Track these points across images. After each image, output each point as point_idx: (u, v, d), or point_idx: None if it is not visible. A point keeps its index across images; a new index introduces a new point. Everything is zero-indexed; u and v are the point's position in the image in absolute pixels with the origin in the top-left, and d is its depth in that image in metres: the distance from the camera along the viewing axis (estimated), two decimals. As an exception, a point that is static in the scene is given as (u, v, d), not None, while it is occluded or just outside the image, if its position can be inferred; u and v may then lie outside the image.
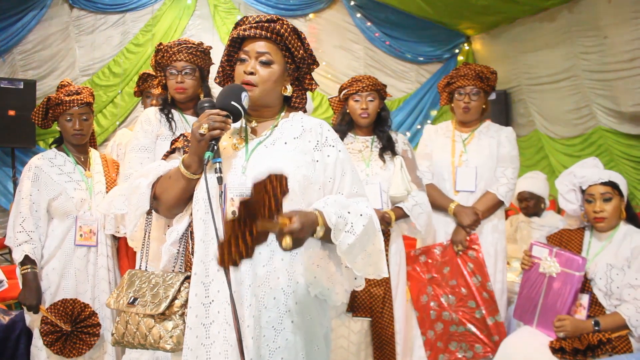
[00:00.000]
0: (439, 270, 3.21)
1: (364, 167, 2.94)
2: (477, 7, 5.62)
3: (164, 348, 1.68)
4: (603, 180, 2.66)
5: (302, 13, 6.71)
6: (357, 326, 2.86)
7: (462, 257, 3.18)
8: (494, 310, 3.13)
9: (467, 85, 3.23)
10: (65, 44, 6.07)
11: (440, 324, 3.17)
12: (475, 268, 3.16)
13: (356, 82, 2.98)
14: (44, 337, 2.65)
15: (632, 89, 4.50)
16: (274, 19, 1.73)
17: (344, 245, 1.58)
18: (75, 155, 2.90)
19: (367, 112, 2.95)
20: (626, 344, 2.48)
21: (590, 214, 2.69)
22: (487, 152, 3.26)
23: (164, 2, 6.34)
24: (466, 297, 3.16)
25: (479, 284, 3.15)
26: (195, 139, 1.60)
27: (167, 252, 1.78)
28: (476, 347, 3.13)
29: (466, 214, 3.16)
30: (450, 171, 3.28)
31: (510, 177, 3.22)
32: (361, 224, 1.60)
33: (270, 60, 1.69)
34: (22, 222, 2.71)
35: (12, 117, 5.32)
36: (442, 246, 3.22)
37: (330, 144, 1.75)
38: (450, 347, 3.16)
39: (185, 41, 2.75)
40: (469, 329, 3.14)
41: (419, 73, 6.94)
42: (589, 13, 4.87)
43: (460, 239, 3.17)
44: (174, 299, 1.69)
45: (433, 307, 3.18)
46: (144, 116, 2.75)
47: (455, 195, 3.25)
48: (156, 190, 1.73)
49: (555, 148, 5.61)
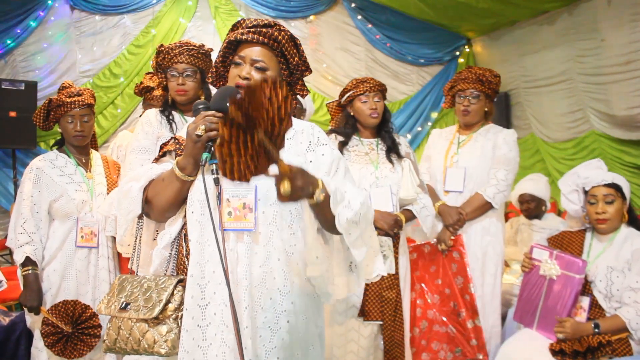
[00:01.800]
0: (426, 268, 3.24)
1: (373, 169, 2.93)
2: (478, 10, 5.62)
3: (159, 352, 1.66)
4: (606, 182, 2.67)
5: (303, 15, 6.71)
6: (367, 330, 2.85)
7: (447, 257, 3.20)
8: (473, 314, 3.13)
9: (468, 88, 3.25)
10: (66, 46, 6.08)
11: (425, 321, 3.18)
12: (458, 269, 3.18)
13: (362, 83, 2.96)
14: (45, 339, 2.65)
15: (626, 92, 4.50)
16: (272, 24, 1.74)
17: (343, 219, 1.60)
18: (77, 156, 2.90)
19: (376, 111, 2.94)
20: (626, 346, 2.48)
21: (592, 216, 2.69)
22: (479, 154, 3.26)
23: (165, 4, 6.34)
24: (449, 297, 3.18)
25: (461, 286, 3.16)
26: (191, 140, 1.59)
27: (159, 256, 1.75)
28: (456, 350, 3.14)
29: (449, 213, 3.18)
30: (442, 172, 3.31)
31: (501, 178, 3.21)
32: (358, 202, 1.63)
33: (265, 67, 1.70)
34: (23, 224, 2.72)
35: (13, 118, 5.33)
36: (431, 245, 3.24)
37: (323, 143, 1.77)
38: (432, 347, 3.17)
39: (187, 43, 2.75)
40: (451, 330, 3.16)
41: (419, 75, 6.94)
42: (589, 16, 4.87)
43: (445, 238, 3.19)
44: (167, 302, 1.67)
45: (419, 304, 3.19)
46: (145, 118, 2.76)
47: (445, 195, 3.27)
48: (148, 194, 1.70)
49: (549, 152, 5.61)
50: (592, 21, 4.83)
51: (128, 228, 1.82)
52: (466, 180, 3.24)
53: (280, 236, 1.63)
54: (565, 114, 5.32)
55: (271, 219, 1.62)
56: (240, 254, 1.62)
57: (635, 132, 4.54)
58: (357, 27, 6.79)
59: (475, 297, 3.15)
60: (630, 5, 4.40)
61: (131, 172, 1.89)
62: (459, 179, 3.25)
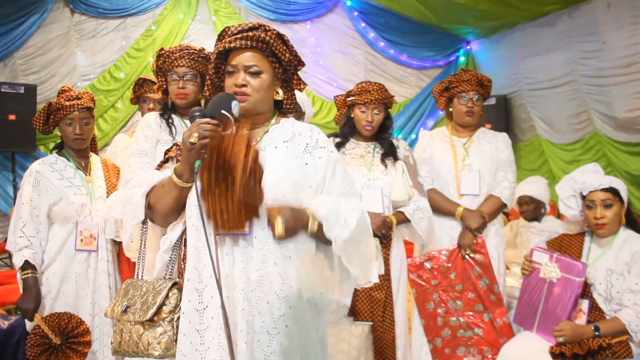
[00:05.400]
0: (445, 275, 3.20)
1: (366, 171, 2.94)
2: (478, 12, 5.63)
3: (152, 354, 1.68)
4: (604, 186, 2.66)
5: (303, 18, 6.72)
6: (358, 330, 2.86)
7: (468, 261, 3.18)
8: (502, 312, 3.13)
9: (470, 90, 3.25)
10: (66, 49, 6.09)
11: (448, 329, 3.16)
12: (482, 271, 3.15)
13: (365, 93, 2.93)
14: (29, 349, 2.59)
15: (627, 94, 4.51)
16: (256, 25, 1.74)
17: (340, 241, 1.59)
18: (76, 160, 2.90)
19: (371, 125, 2.95)
20: (626, 349, 2.48)
21: (591, 220, 2.69)
22: (488, 157, 3.28)
23: (165, 7, 6.36)
24: (473, 301, 3.15)
25: (486, 287, 3.14)
26: (186, 148, 1.60)
27: (160, 260, 1.78)
28: (485, 350, 3.12)
29: (474, 217, 3.16)
30: (454, 175, 3.29)
31: (511, 180, 3.27)
32: (355, 219, 1.62)
33: (259, 70, 1.71)
34: (23, 227, 2.71)
35: (13, 122, 5.33)
36: (449, 251, 3.21)
37: (320, 146, 1.76)
38: (458, 353, 3.15)
39: (187, 47, 2.76)
40: (477, 333, 3.14)
41: (419, 78, 6.96)
42: (589, 18, 4.88)
43: (469, 243, 3.17)
44: (161, 305, 1.68)
45: (440, 313, 3.17)
46: (144, 121, 2.76)
47: (460, 199, 3.26)
48: (150, 200, 1.74)
49: (555, 153, 5.61)
50: (593, 24, 4.84)
51: (133, 233, 1.85)
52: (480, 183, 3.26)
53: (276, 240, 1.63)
54: (571, 115, 5.34)
55: (267, 223, 1.62)
56: (236, 259, 1.62)
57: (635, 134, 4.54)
58: (356, 30, 6.80)
59: (502, 296, 3.16)
60: (630, 7, 4.41)
61: (135, 178, 1.91)
62: (474, 182, 3.26)
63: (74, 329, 2.65)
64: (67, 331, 2.64)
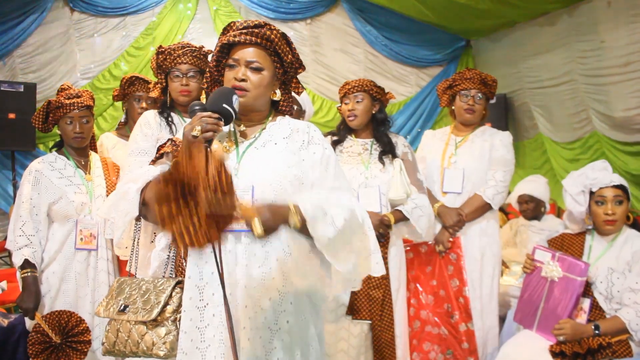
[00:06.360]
0: (422, 268, 3.22)
1: (363, 169, 2.94)
2: (478, 11, 5.62)
3: (157, 355, 1.67)
4: (615, 183, 2.67)
5: (303, 17, 6.71)
6: (357, 329, 2.86)
7: (444, 259, 3.18)
8: (467, 317, 3.12)
9: (472, 88, 3.24)
10: (66, 47, 6.07)
11: (418, 321, 3.17)
12: (454, 271, 3.16)
13: (345, 85, 3.02)
14: (30, 346, 2.59)
15: (625, 93, 4.50)
16: (262, 24, 1.74)
17: (324, 239, 1.58)
18: (76, 158, 2.89)
19: (353, 113, 2.96)
20: (626, 348, 2.48)
21: (600, 217, 2.67)
22: (478, 154, 3.26)
23: (165, 6, 6.34)
24: (443, 299, 3.16)
25: (456, 288, 3.15)
26: (187, 142, 1.59)
27: (157, 258, 1.77)
28: (447, 352, 3.13)
29: (449, 214, 3.17)
30: (439, 173, 3.30)
31: (499, 179, 3.21)
32: (342, 216, 1.60)
33: (260, 67, 1.71)
34: (22, 226, 2.71)
35: (12, 120, 5.32)
36: (428, 245, 3.22)
37: (316, 142, 1.77)
38: (423, 347, 3.16)
39: (188, 44, 2.77)
40: (443, 332, 3.15)
41: (418, 77, 6.94)
42: (589, 17, 4.88)
43: (443, 240, 3.17)
44: (165, 304, 1.68)
45: (413, 304, 3.18)
46: (144, 119, 2.74)
47: (443, 196, 3.26)
48: (145, 196, 1.69)
49: (557, 152, 5.61)
50: (592, 23, 4.83)
51: (125, 230, 1.82)
52: (464, 181, 3.24)
53: (279, 237, 1.63)
54: (571, 114, 5.33)
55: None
56: (238, 255, 1.62)
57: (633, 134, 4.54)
58: (356, 28, 6.79)
59: (470, 301, 3.13)
60: (630, 6, 4.41)
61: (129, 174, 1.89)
62: (457, 180, 3.25)
63: (73, 328, 2.65)
64: (67, 330, 2.64)
